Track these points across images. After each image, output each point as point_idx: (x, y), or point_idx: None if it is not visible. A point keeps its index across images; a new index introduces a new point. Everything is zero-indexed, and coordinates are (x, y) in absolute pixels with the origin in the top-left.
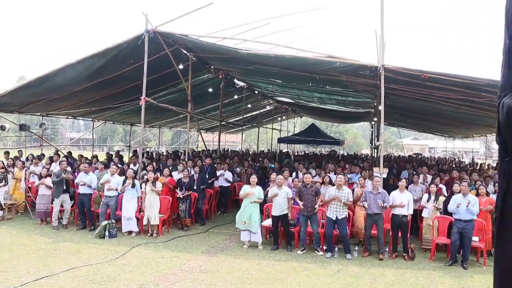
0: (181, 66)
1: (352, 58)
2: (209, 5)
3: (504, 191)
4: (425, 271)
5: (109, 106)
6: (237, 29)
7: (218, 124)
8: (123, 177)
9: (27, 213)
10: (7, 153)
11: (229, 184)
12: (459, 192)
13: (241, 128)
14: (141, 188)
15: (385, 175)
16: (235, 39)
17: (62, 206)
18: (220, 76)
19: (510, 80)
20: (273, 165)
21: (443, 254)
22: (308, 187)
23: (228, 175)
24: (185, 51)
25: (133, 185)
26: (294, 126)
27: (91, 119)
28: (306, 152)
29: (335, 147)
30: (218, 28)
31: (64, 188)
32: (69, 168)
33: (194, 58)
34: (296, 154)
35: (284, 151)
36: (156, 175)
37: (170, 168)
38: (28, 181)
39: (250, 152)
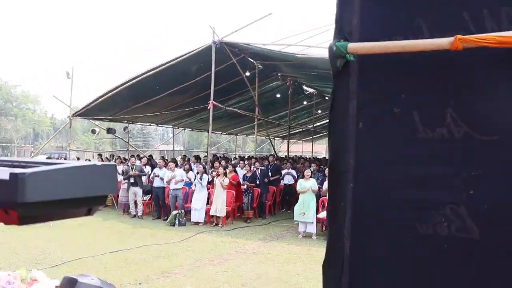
0: (247, 74)
1: None
2: (269, 16)
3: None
4: None
5: (184, 113)
6: (300, 36)
7: (287, 132)
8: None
9: (113, 206)
10: (100, 155)
11: (293, 182)
12: None
13: (311, 137)
14: (212, 183)
15: None
16: (300, 46)
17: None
18: (287, 83)
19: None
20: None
21: None
22: None
23: (293, 172)
24: (251, 60)
25: (201, 178)
26: None
27: (171, 126)
28: None
29: None
30: (278, 36)
31: (133, 181)
32: (138, 162)
33: (260, 66)
34: None
35: None
36: (224, 171)
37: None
38: None
39: None
